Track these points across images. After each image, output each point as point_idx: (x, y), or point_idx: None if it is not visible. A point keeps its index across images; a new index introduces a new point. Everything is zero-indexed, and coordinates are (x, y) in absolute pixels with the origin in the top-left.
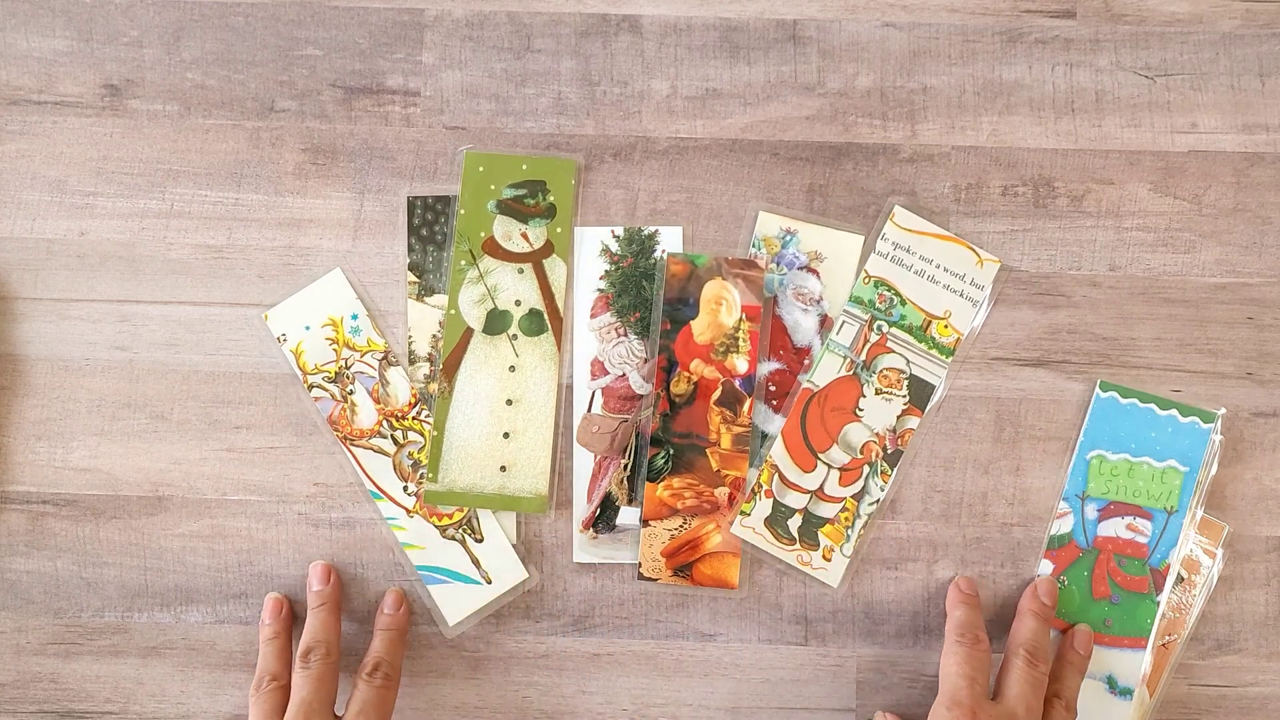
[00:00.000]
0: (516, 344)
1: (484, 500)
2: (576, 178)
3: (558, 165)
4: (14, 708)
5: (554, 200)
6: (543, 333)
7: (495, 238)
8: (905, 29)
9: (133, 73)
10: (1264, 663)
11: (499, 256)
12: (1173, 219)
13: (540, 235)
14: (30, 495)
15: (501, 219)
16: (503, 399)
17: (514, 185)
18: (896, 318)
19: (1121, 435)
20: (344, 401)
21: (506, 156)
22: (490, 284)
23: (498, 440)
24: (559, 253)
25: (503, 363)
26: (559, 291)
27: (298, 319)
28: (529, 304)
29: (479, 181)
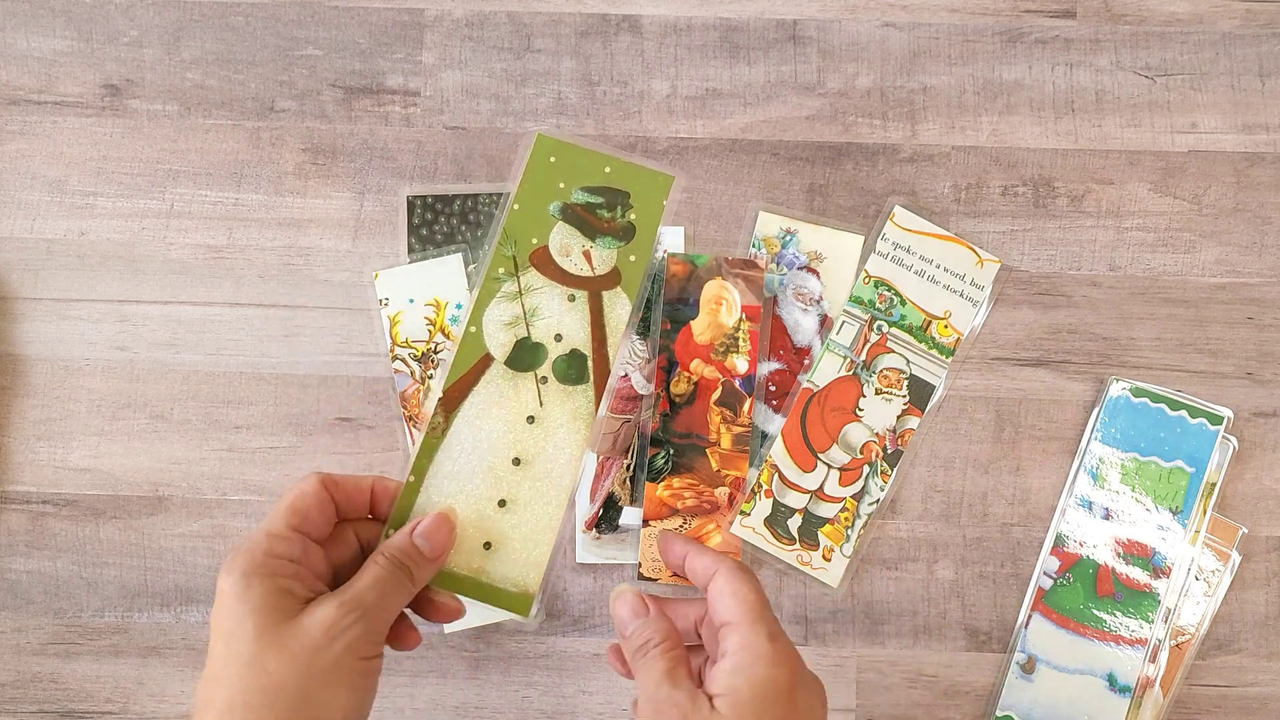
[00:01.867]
0: (545, 390)
1: (454, 581)
2: (671, 197)
3: (650, 178)
4: (14, 708)
5: (635, 219)
6: (581, 383)
7: (549, 249)
8: (905, 29)
9: (133, 73)
10: (1264, 663)
11: (548, 274)
12: (1173, 219)
13: (607, 259)
14: (30, 495)
15: (563, 228)
16: (509, 455)
17: (590, 189)
18: (896, 318)
19: (1130, 434)
20: (421, 383)
21: (588, 152)
22: (529, 305)
23: (489, 507)
24: (625, 286)
25: (521, 409)
26: (614, 334)
27: (405, 289)
28: (572, 342)
29: (545, 175)
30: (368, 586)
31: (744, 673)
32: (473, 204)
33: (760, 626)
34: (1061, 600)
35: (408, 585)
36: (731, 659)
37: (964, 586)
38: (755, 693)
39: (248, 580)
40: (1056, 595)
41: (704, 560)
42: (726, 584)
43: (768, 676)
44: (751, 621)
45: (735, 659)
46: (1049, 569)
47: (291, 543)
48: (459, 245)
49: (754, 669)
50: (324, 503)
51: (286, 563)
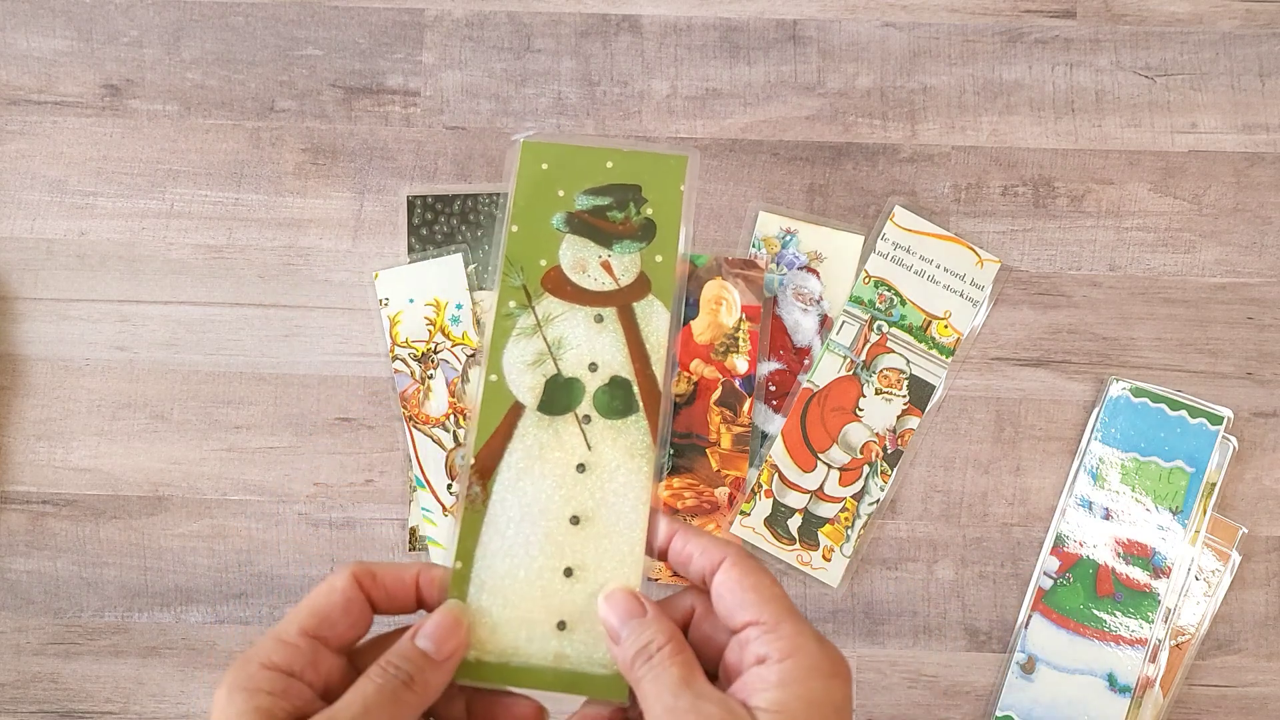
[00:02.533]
0: (590, 430)
1: (531, 675)
2: (689, 181)
3: (660, 164)
4: (14, 708)
5: (652, 214)
6: (630, 413)
7: (563, 268)
8: (905, 29)
9: (133, 73)
10: (1264, 663)
11: (567, 297)
12: (1173, 219)
13: (631, 266)
14: (30, 495)
15: (573, 241)
16: (565, 515)
17: (593, 191)
18: (896, 318)
19: (1130, 434)
20: (421, 383)
21: (583, 149)
22: (552, 337)
23: (555, 580)
24: (658, 291)
25: (568, 458)
26: (656, 350)
27: (405, 289)
28: (610, 369)
29: (540, 185)
30: (346, 706)
31: (797, 686)
32: (473, 204)
33: (804, 627)
34: (1061, 600)
35: (407, 699)
36: (778, 668)
37: (964, 586)
38: (812, 712)
39: (230, 696)
40: (1056, 595)
41: (701, 545)
42: (742, 575)
43: (825, 691)
44: (794, 621)
45: (784, 669)
46: (1049, 569)
47: (296, 651)
48: (459, 245)
49: (810, 683)
50: (353, 603)
51: (278, 676)
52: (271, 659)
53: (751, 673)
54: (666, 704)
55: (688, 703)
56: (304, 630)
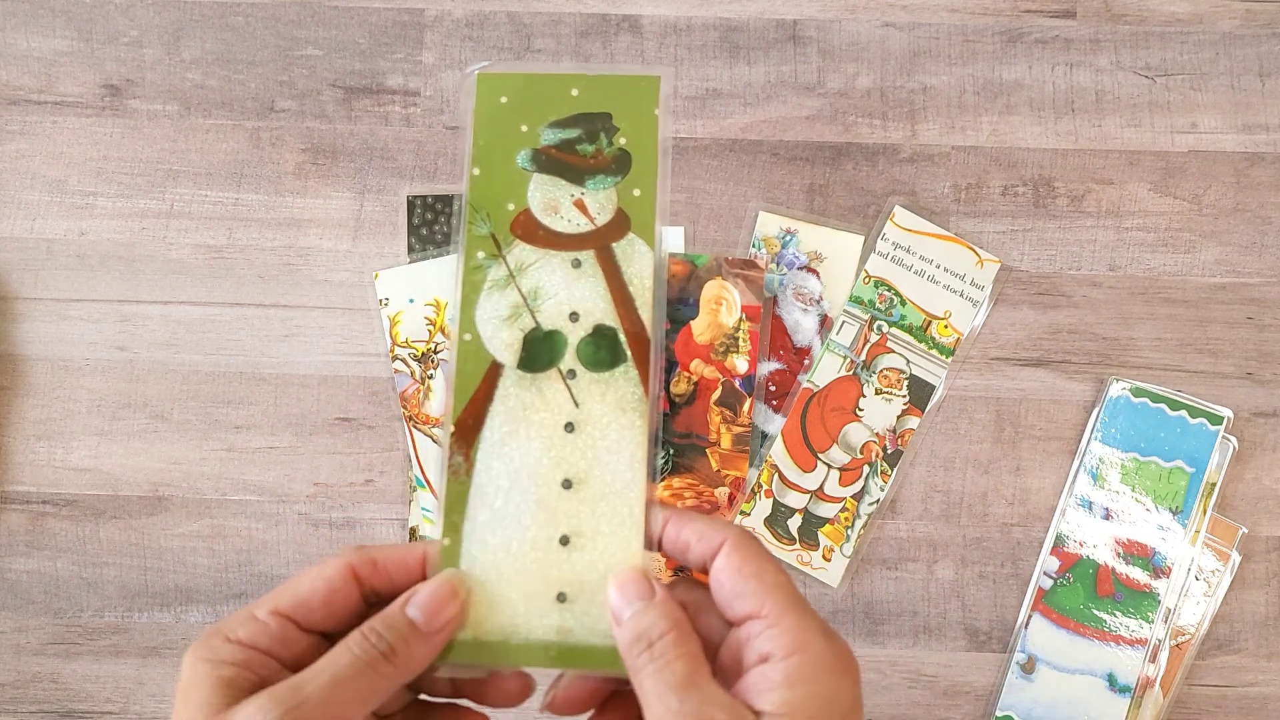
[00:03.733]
0: (576, 386)
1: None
2: (664, 105)
3: (630, 86)
4: (14, 708)
5: (626, 144)
6: (618, 364)
7: (533, 211)
8: (905, 29)
9: (133, 73)
10: (1264, 663)
11: (539, 242)
12: (1173, 219)
13: (607, 204)
14: (30, 495)
15: (541, 180)
16: (556, 479)
17: (559, 124)
18: (896, 318)
19: (1130, 434)
20: (421, 383)
21: (544, 76)
22: (527, 288)
23: (550, 549)
24: (638, 229)
25: (554, 418)
26: (641, 293)
27: (404, 289)
28: (593, 317)
29: (501, 121)
30: (316, 672)
31: (806, 686)
32: None
33: (810, 620)
34: (1061, 600)
35: (385, 671)
36: (783, 666)
37: (964, 586)
38: (822, 713)
39: (193, 666)
40: (1056, 595)
41: (698, 530)
42: (743, 561)
43: (835, 691)
44: (798, 613)
45: (790, 667)
46: (1049, 569)
47: (264, 628)
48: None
49: (818, 682)
50: (337, 594)
51: (241, 649)
52: (237, 633)
53: (755, 672)
54: (670, 706)
55: (693, 707)
56: (276, 611)
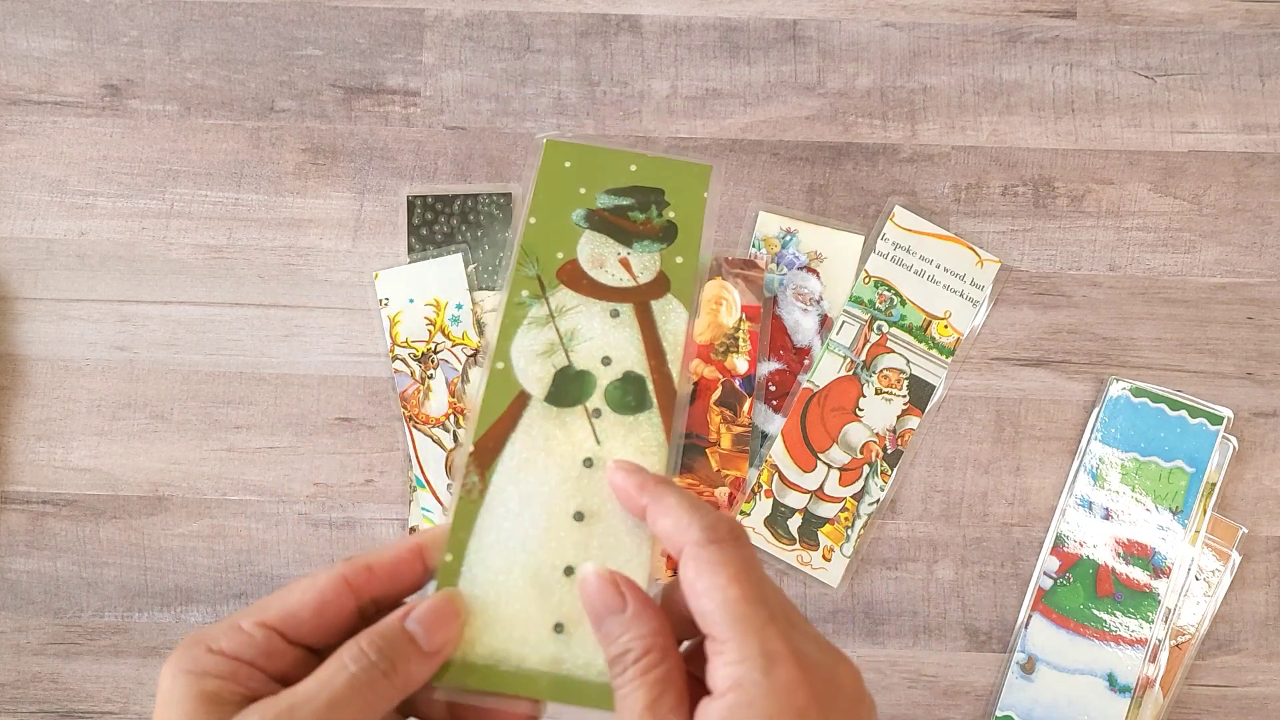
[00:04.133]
0: (600, 424)
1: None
2: (711, 190)
3: (684, 171)
4: (14, 708)
5: (674, 217)
6: (643, 409)
7: (580, 262)
8: (905, 29)
9: (133, 73)
10: (1264, 663)
11: (583, 290)
12: (1173, 219)
13: (650, 265)
14: (30, 495)
15: (592, 236)
16: (568, 510)
17: (615, 191)
18: (896, 318)
19: (1130, 434)
20: (421, 383)
21: (608, 150)
22: (565, 329)
23: (554, 578)
24: (677, 292)
25: (574, 452)
26: (674, 349)
27: (404, 289)
28: (624, 364)
29: (562, 181)
30: (310, 693)
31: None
32: (473, 204)
33: (751, 643)
34: (1061, 600)
35: (382, 687)
36: (723, 702)
37: (964, 586)
38: None
39: (174, 678)
40: (1056, 595)
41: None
42: (696, 575)
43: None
44: (741, 638)
45: (728, 702)
46: (1049, 569)
47: (250, 640)
48: (459, 245)
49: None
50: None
51: (225, 660)
52: (220, 644)
53: (701, 707)
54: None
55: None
56: (263, 623)
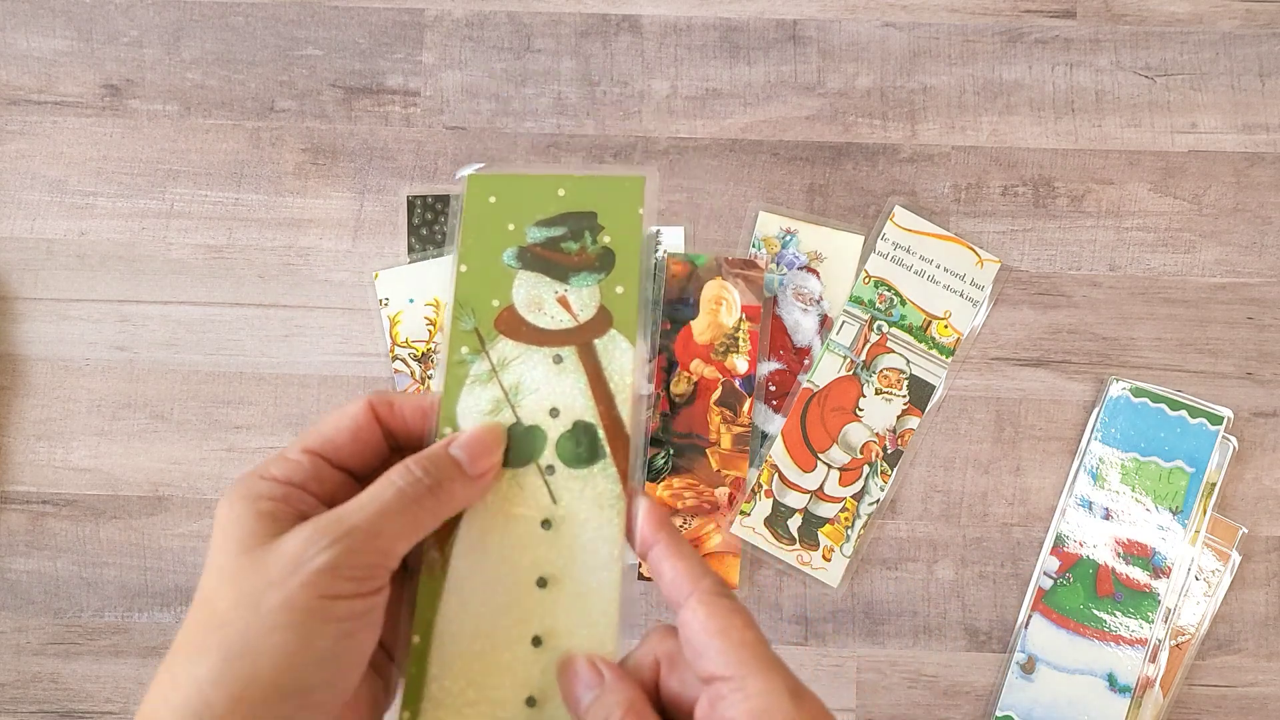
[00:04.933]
0: (554, 482)
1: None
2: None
3: (614, 187)
4: (14, 708)
5: (610, 242)
6: (596, 460)
7: (517, 308)
8: (905, 29)
9: (133, 73)
10: (1264, 663)
11: (522, 338)
12: (1173, 219)
13: (590, 300)
14: (30, 495)
15: (526, 277)
16: (531, 578)
17: (545, 223)
18: (896, 318)
19: (1130, 434)
20: (421, 383)
21: (532, 177)
22: (509, 383)
23: (522, 650)
24: (620, 325)
25: (532, 515)
26: (621, 390)
27: (405, 289)
28: (572, 413)
29: (489, 219)
30: (361, 504)
31: None
32: None
33: (776, 681)
34: (1061, 600)
35: (429, 505)
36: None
37: (964, 586)
38: None
39: (230, 505)
40: (1056, 595)
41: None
42: (708, 617)
43: None
44: (764, 675)
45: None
46: (1049, 569)
47: (297, 466)
48: None
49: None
50: (363, 429)
51: (278, 485)
52: (271, 471)
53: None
54: None
55: None
56: (307, 449)
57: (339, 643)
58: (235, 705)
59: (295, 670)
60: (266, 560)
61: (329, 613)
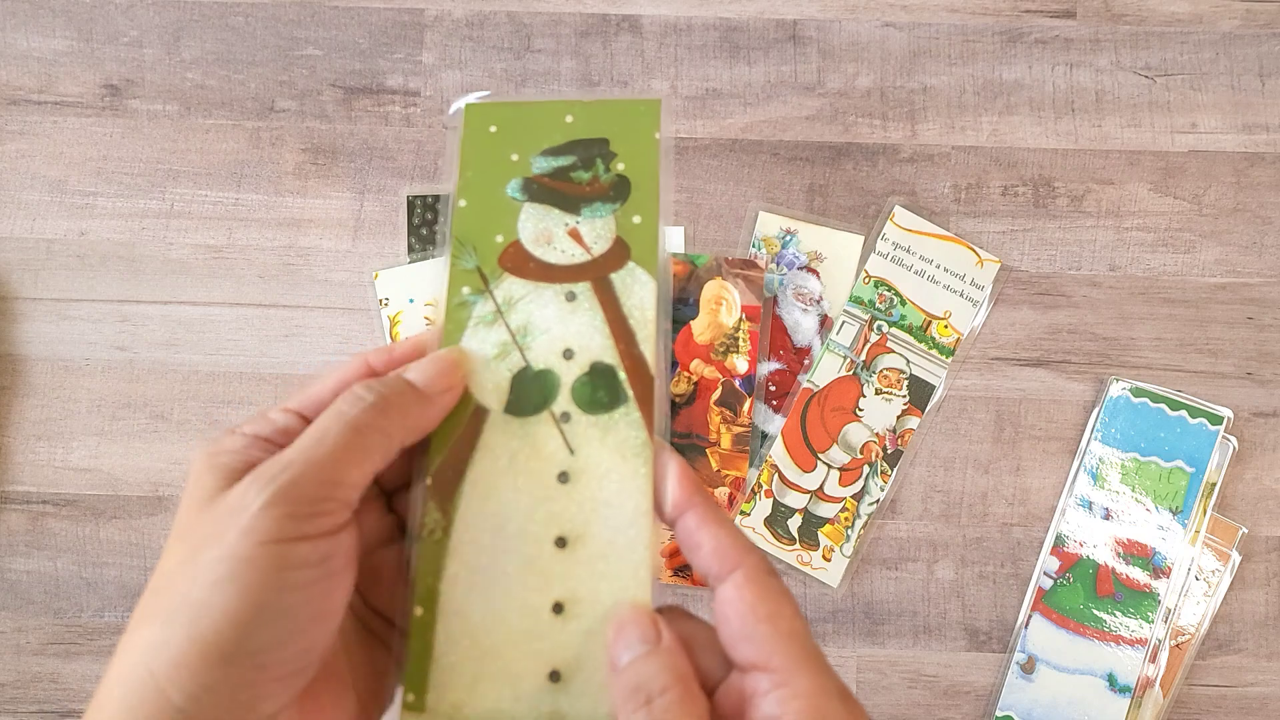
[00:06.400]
0: (570, 430)
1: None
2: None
3: (627, 110)
4: (14, 708)
5: (625, 169)
6: (618, 405)
7: (523, 243)
8: (905, 29)
9: (133, 73)
10: (1264, 663)
11: (530, 275)
12: (1173, 219)
13: (605, 232)
14: (30, 495)
15: (533, 209)
16: (549, 537)
17: (552, 151)
18: (896, 318)
19: (1130, 434)
20: None
21: (536, 104)
22: (516, 324)
23: (542, 618)
24: (639, 258)
25: (546, 468)
26: (643, 326)
27: (404, 289)
28: (589, 354)
29: (490, 150)
30: (300, 442)
31: None
32: None
33: (827, 680)
34: (1061, 600)
35: (379, 427)
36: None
37: (964, 586)
38: None
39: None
40: (1056, 595)
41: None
42: (757, 599)
43: None
44: (813, 672)
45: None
46: (1049, 569)
47: (270, 422)
48: None
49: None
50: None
51: (243, 438)
52: (243, 427)
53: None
54: None
55: None
56: (288, 408)
57: (287, 595)
58: (176, 671)
59: (239, 629)
60: (211, 513)
61: (274, 561)
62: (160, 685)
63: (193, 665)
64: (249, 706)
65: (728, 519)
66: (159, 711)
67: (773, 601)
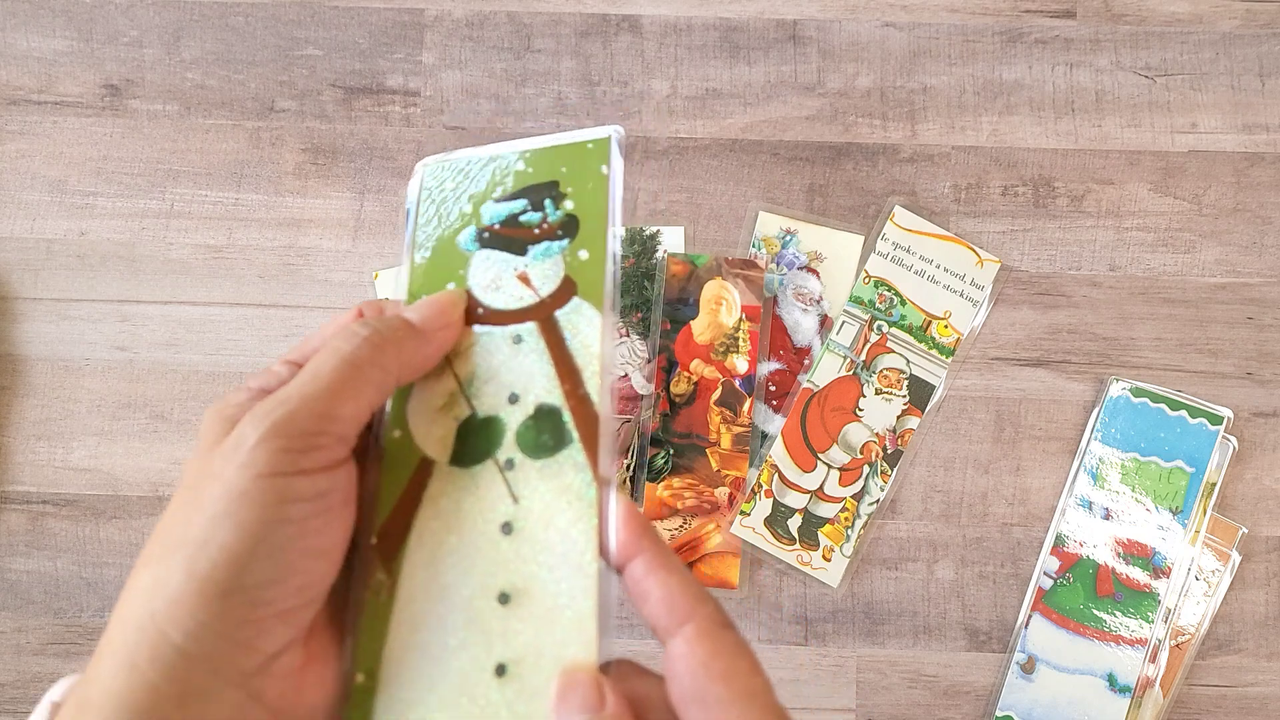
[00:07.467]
0: (514, 477)
1: None
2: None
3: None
4: (14, 708)
5: (573, 207)
6: (562, 446)
7: (473, 291)
8: (905, 29)
9: (133, 73)
10: (1264, 663)
11: (478, 322)
12: (1173, 219)
13: (552, 272)
14: (30, 495)
15: (483, 256)
16: (491, 592)
17: (503, 199)
18: (896, 318)
19: (1130, 434)
20: None
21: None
22: (464, 373)
23: (484, 681)
24: (585, 292)
25: (490, 518)
26: (589, 363)
27: None
28: (534, 396)
29: (443, 205)
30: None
31: None
32: None
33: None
34: (1061, 600)
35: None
36: None
37: (964, 586)
38: None
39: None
40: (1056, 595)
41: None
42: (710, 657)
43: None
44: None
45: None
46: (1049, 569)
47: (274, 374)
48: None
49: None
50: None
51: (247, 391)
52: (248, 383)
53: None
54: None
55: None
56: (286, 360)
57: (283, 530)
58: (175, 609)
59: (236, 564)
60: (212, 456)
61: (270, 495)
62: (159, 625)
63: (190, 602)
64: (249, 644)
65: (679, 565)
66: (159, 652)
67: (727, 657)
